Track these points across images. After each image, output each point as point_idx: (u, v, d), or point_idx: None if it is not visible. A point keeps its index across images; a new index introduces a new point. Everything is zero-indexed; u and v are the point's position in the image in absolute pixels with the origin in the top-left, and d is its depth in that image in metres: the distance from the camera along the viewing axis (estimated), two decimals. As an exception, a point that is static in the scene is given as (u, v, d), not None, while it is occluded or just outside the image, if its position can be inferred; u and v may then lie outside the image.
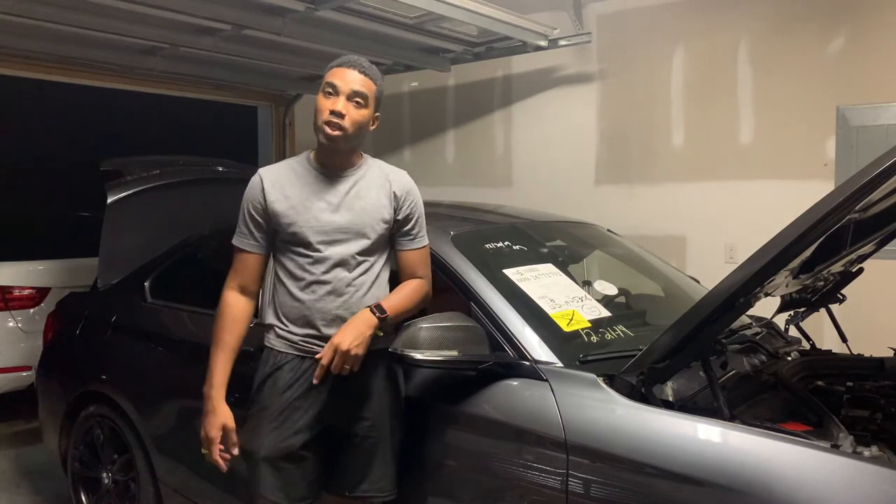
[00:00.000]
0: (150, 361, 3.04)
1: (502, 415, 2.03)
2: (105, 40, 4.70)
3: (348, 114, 2.04)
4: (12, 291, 4.87)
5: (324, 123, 2.04)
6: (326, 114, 2.04)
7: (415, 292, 2.15)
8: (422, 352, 1.99)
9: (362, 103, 2.07)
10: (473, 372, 2.08)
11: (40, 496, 3.87)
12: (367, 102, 2.08)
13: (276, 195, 2.10)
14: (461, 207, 3.54)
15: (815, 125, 4.25)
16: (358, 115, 2.07)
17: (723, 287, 1.78)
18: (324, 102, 2.06)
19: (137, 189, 3.52)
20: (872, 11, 4.08)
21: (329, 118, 2.03)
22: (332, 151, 2.10)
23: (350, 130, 2.06)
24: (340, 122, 2.03)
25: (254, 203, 2.12)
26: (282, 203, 2.09)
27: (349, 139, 2.08)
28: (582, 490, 1.84)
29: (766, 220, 2.86)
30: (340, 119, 2.03)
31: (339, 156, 2.12)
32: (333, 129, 2.04)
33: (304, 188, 2.10)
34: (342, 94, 2.04)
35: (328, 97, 2.06)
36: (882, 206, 2.03)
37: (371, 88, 2.09)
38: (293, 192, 2.10)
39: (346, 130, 2.05)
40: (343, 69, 2.07)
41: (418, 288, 2.17)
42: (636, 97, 4.95)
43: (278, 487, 2.08)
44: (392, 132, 6.34)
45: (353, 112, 2.05)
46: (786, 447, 1.67)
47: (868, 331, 3.02)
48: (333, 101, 2.04)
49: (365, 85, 2.07)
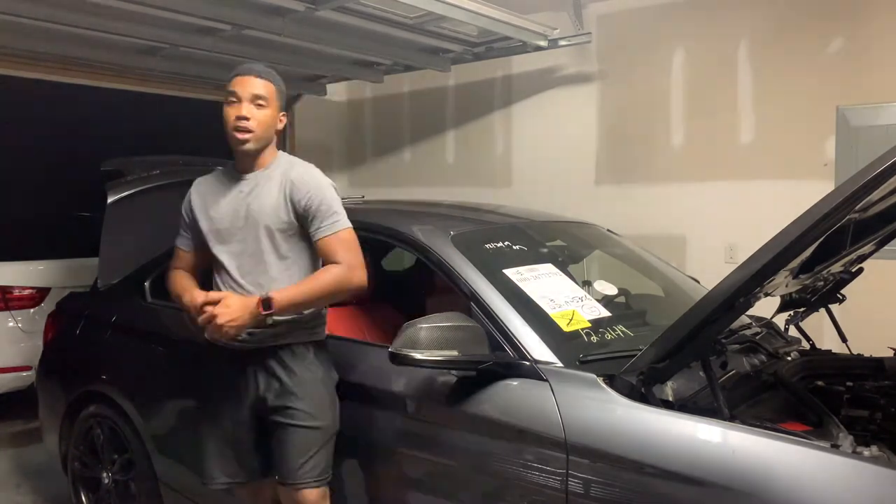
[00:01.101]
0: (150, 361, 3.03)
1: (502, 415, 2.03)
2: (105, 40, 4.70)
3: (252, 116, 2.18)
4: (12, 291, 4.87)
5: (232, 130, 2.19)
6: (233, 120, 2.19)
7: (323, 280, 2.18)
8: (422, 352, 1.99)
9: (264, 104, 2.20)
10: (473, 372, 2.08)
11: (40, 496, 3.87)
12: (268, 103, 2.21)
13: (198, 202, 2.32)
14: (461, 207, 3.54)
15: (815, 125, 4.25)
16: (261, 115, 2.20)
17: (723, 287, 1.78)
18: (229, 111, 2.20)
19: (137, 189, 3.52)
20: (872, 12, 4.08)
21: (236, 123, 2.18)
22: (245, 154, 2.23)
23: (257, 131, 2.19)
24: (247, 125, 2.18)
25: (185, 208, 2.37)
26: (200, 209, 2.30)
27: (259, 139, 2.21)
28: (582, 490, 1.84)
29: (766, 220, 2.86)
30: (246, 122, 2.17)
31: (250, 158, 2.25)
32: (242, 132, 2.18)
33: (218, 194, 2.28)
34: (244, 99, 2.19)
35: (231, 105, 2.20)
36: (882, 206, 2.03)
37: (270, 89, 2.22)
38: (210, 199, 2.30)
39: (255, 131, 2.19)
40: (241, 77, 2.22)
41: (332, 275, 2.18)
42: (636, 97, 4.95)
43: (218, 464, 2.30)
44: (392, 132, 6.35)
45: (257, 113, 2.19)
46: (786, 447, 1.67)
47: (868, 331, 3.02)
48: (237, 107, 2.19)
49: (264, 87, 2.21)
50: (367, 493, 2.32)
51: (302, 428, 2.20)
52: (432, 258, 2.43)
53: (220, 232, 2.25)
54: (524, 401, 2.02)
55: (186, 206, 2.37)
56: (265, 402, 2.23)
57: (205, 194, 2.32)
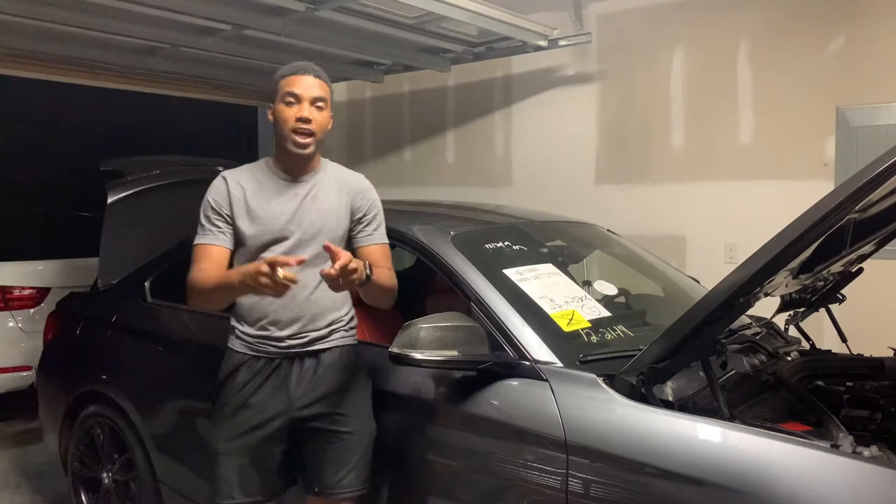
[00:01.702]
0: (150, 361, 3.04)
1: (502, 415, 2.03)
2: (105, 40, 4.69)
3: (314, 118, 2.10)
4: (12, 291, 4.87)
5: (292, 132, 2.09)
6: (293, 122, 2.09)
7: (390, 280, 2.16)
8: (422, 352, 1.99)
9: (323, 106, 2.14)
10: (473, 372, 2.08)
11: (40, 496, 3.87)
12: (326, 105, 2.15)
13: (239, 200, 2.15)
14: (461, 207, 3.54)
15: (815, 125, 4.25)
16: (321, 117, 2.13)
17: (723, 287, 1.78)
18: (287, 111, 2.10)
19: (137, 189, 3.52)
20: (872, 12, 4.08)
21: (297, 125, 2.09)
22: (300, 157, 2.14)
23: (318, 133, 2.13)
24: (309, 128, 2.10)
25: (219, 201, 2.15)
26: (243, 208, 2.14)
27: (318, 142, 2.15)
28: (582, 490, 1.84)
29: (766, 220, 2.86)
30: (308, 125, 2.09)
31: (303, 161, 2.16)
32: (303, 136, 2.10)
33: (265, 194, 2.15)
34: (304, 100, 2.10)
35: (290, 106, 2.10)
36: (882, 206, 2.03)
37: (327, 91, 2.17)
38: (254, 197, 2.14)
39: (316, 135, 2.12)
40: (299, 76, 2.13)
41: (393, 279, 2.18)
42: (636, 97, 4.95)
43: (236, 482, 2.13)
44: (392, 132, 6.34)
45: (318, 115, 2.12)
46: (786, 447, 1.67)
47: (868, 331, 3.02)
48: (297, 108, 2.10)
49: (322, 88, 2.14)
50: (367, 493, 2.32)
51: (348, 435, 2.15)
52: (432, 258, 2.43)
53: (270, 233, 2.11)
54: (524, 401, 2.02)
55: (220, 198, 2.15)
56: (307, 411, 2.14)
57: (245, 191, 2.15)
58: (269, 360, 2.15)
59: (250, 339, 2.17)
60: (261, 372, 2.15)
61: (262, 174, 2.19)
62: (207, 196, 2.19)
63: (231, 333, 2.23)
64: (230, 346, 2.23)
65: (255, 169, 2.22)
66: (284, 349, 2.15)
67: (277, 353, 2.15)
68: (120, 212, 3.47)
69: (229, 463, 2.13)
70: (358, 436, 2.16)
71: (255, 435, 2.13)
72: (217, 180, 2.20)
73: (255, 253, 2.12)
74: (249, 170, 2.22)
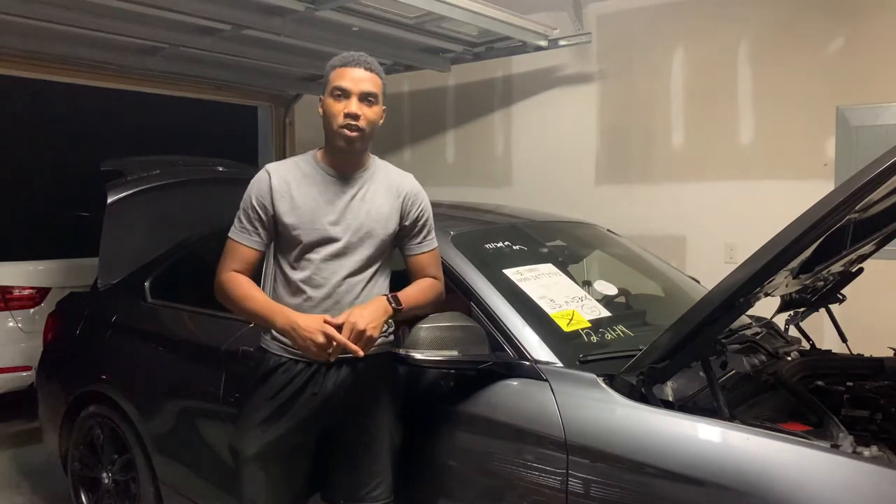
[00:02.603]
0: (150, 361, 3.03)
1: (502, 415, 2.03)
2: (105, 40, 4.70)
3: (363, 114, 2.01)
4: (12, 291, 4.87)
5: (341, 127, 2.00)
6: (342, 117, 2.00)
7: (430, 289, 2.13)
8: (422, 352, 1.99)
9: (374, 101, 2.04)
10: (473, 372, 2.08)
11: (40, 496, 3.87)
12: (377, 100, 2.05)
13: (283, 194, 2.04)
14: (461, 207, 3.54)
15: (815, 125, 4.25)
16: (372, 113, 2.04)
17: (723, 287, 1.78)
18: (336, 106, 2.01)
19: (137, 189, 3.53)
20: (872, 11, 4.08)
21: (346, 121, 1.99)
22: (348, 154, 2.06)
23: (367, 130, 2.03)
24: (357, 124, 2.00)
25: (260, 198, 2.06)
26: (287, 203, 2.04)
27: (367, 139, 2.06)
28: (582, 490, 1.84)
29: (766, 220, 2.86)
30: (356, 121, 2.00)
31: (352, 157, 2.08)
32: (352, 131, 2.00)
33: (311, 190, 2.06)
34: (353, 94, 2.00)
35: (339, 100, 2.01)
36: (882, 206, 2.03)
37: (378, 84, 2.05)
38: (299, 192, 2.05)
39: (364, 131, 2.02)
40: (349, 69, 2.02)
41: (433, 286, 2.15)
42: (636, 97, 4.95)
43: (264, 489, 2.05)
44: (392, 132, 6.34)
45: (367, 111, 2.02)
46: (786, 447, 1.67)
47: (868, 331, 3.02)
48: (346, 103, 2.00)
49: (373, 82, 2.03)
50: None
51: (379, 446, 2.08)
52: (432, 258, 2.42)
53: (314, 232, 2.02)
54: (524, 401, 2.02)
55: (262, 194, 2.05)
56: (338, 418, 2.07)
57: (290, 186, 2.05)
58: (308, 364, 2.04)
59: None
60: (299, 376, 2.04)
61: (308, 167, 2.10)
62: (249, 191, 2.09)
63: (265, 333, 2.12)
64: (264, 345, 2.12)
65: (302, 161, 2.12)
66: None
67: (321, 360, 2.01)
68: (120, 212, 3.47)
69: (258, 470, 2.05)
70: (387, 447, 2.10)
71: (286, 442, 2.04)
72: (261, 173, 2.10)
73: (301, 253, 2.03)
74: (295, 162, 2.13)
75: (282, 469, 2.06)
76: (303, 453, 2.09)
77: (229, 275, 2.07)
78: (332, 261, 2.03)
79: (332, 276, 2.04)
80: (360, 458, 2.08)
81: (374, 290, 2.09)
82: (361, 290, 2.06)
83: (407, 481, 2.20)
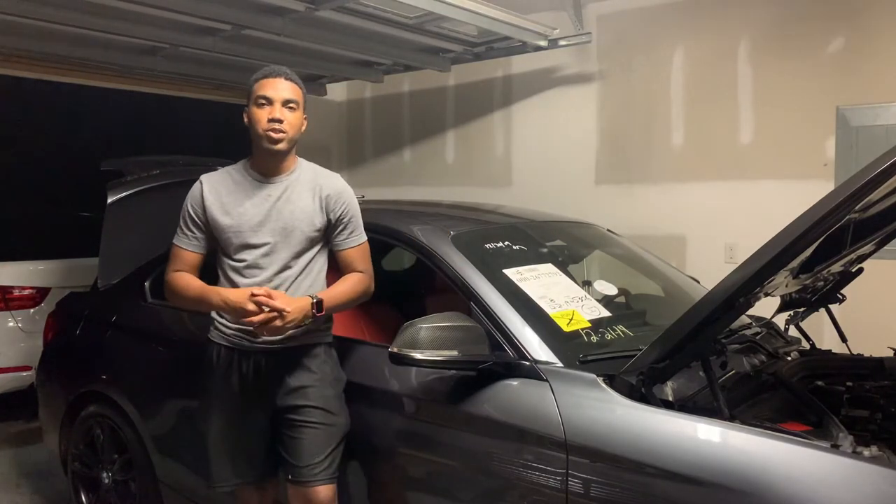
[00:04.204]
0: (150, 361, 3.03)
1: (502, 415, 2.03)
2: (105, 40, 4.70)
3: (286, 118, 2.20)
4: (12, 291, 4.87)
5: (266, 131, 2.19)
6: (265, 122, 2.19)
7: (356, 285, 2.30)
8: (422, 352, 1.99)
9: (295, 107, 2.24)
10: (473, 372, 2.08)
11: (40, 496, 3.87)
12: (298, 106, 2.25)
13: (214, 201, 2.26)
14: (461, 207, 3.54)
15: (815, 125, 4.25)
16: (294, 118, 2.23)
17: (723, 287, 1.78)
18: (259, 113, 2.20)
19: (137, 189, 3.52)
20: (872, 12, 4.08)
21: (270, 125, 2.19)
22: (273, 156, 2.24)
23: (290, 133, 2.22)
24: (281, 127, 2.19)
25: (194, 206, 2.29)
26: (219, 209, 2.25)
27: (291, 141, 2.24)
28: (582, 490, 1.84)
29: (766, 220, 2.86)
30: (280, 124, 2.19)
31: (277, 161, 2.26)
32: (276, 132, 2.19)
33: (239, 195, 2.26)
34: (276, 101, 2.20)
35: (262, 107, 2.21)
36: (882, 206, 2.03)
37: (299, 93, 2.26)
38: (230, 199, 2.26)
39: (287, 133, 2.21)
40: (271, 79, 2.23)
41: (359, 281, 2.31)
42: (636, 97, 4.95)
43: (228, 468, 2.30)
44: (392, 132, 6.35)
45: (290, 116, 2.22)
46: (786, 447, 1.67)
47: (868, 331, 3.02)
48: (269, 109, 2.20)
49: (294, 91, 2.24)
50: (368, 493, 2.32)
51: (318, 427, 2.23)
52: (432, 258, 2.43)
53: (243, 234, 2.23)
54: (524, 401, 2.02)
55: (196, 203, 2.29)
56: (279, 402, 2.25)
57: (220, 193, 2.27)
58: (245, 353, 2.27)
59: (229, 332, 2.29)
60: (237, 364, 2.27)
61: (238, 174, 2.30)
62: (186, 200, 2.32)
63: (211, 325, 2.36)
64: (210, 336, 2.36)
65: (233, 170, 2.33)
66: (259, 345, 2.24)
67: (252, 348, 2.26)
68: (120, 212, 3.46)
69: (219, 450, 2.31)
70: (330, 428, 2.24)
71: (237, 422, 2.28)
72: (196, 184, 2.32)
73: (236, 252, 2.24)
74: (227, 171, 2.33)
75: (239, 448, 2.29)
76: (256, 433, 2.28)
77: (172, 274, 2.33)
78: (263, 258, 2.23)
79: (265, 272, 2.23)
80: (301, 437, 2.23)
81: (306, 281, 2.27)
82: (292, 282, 2.25)
83: (407, 481, 2.20)
